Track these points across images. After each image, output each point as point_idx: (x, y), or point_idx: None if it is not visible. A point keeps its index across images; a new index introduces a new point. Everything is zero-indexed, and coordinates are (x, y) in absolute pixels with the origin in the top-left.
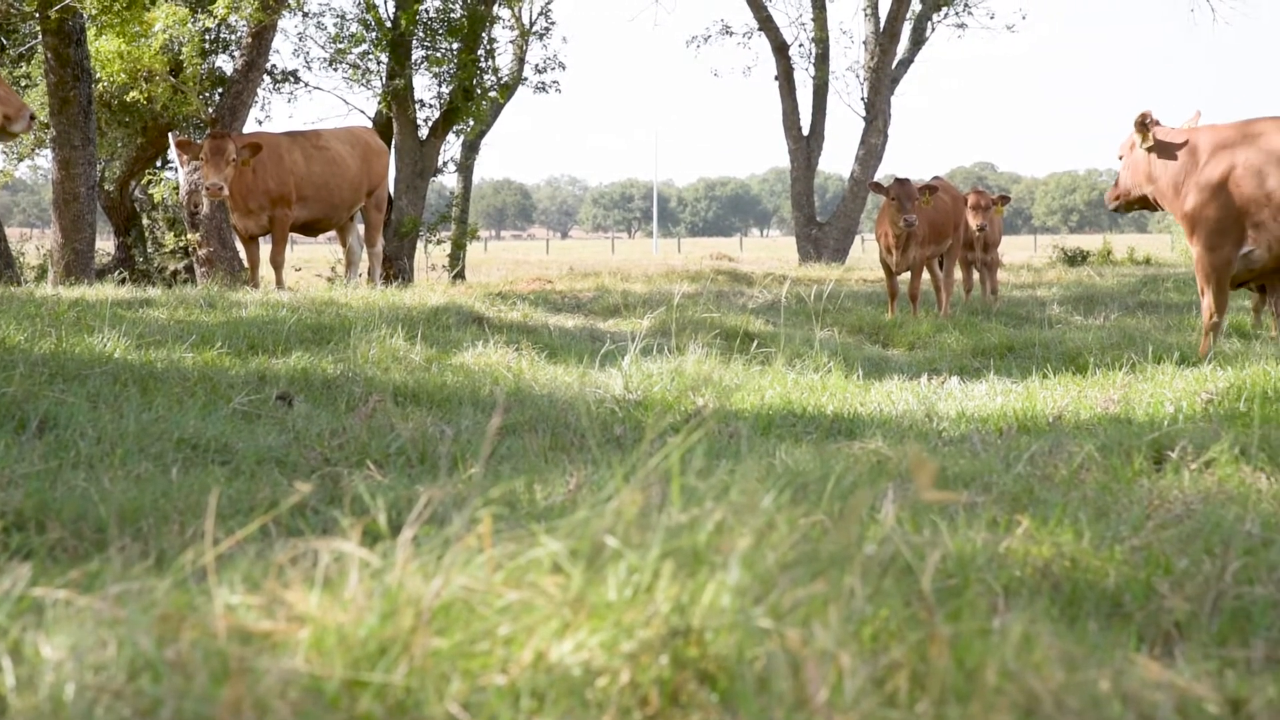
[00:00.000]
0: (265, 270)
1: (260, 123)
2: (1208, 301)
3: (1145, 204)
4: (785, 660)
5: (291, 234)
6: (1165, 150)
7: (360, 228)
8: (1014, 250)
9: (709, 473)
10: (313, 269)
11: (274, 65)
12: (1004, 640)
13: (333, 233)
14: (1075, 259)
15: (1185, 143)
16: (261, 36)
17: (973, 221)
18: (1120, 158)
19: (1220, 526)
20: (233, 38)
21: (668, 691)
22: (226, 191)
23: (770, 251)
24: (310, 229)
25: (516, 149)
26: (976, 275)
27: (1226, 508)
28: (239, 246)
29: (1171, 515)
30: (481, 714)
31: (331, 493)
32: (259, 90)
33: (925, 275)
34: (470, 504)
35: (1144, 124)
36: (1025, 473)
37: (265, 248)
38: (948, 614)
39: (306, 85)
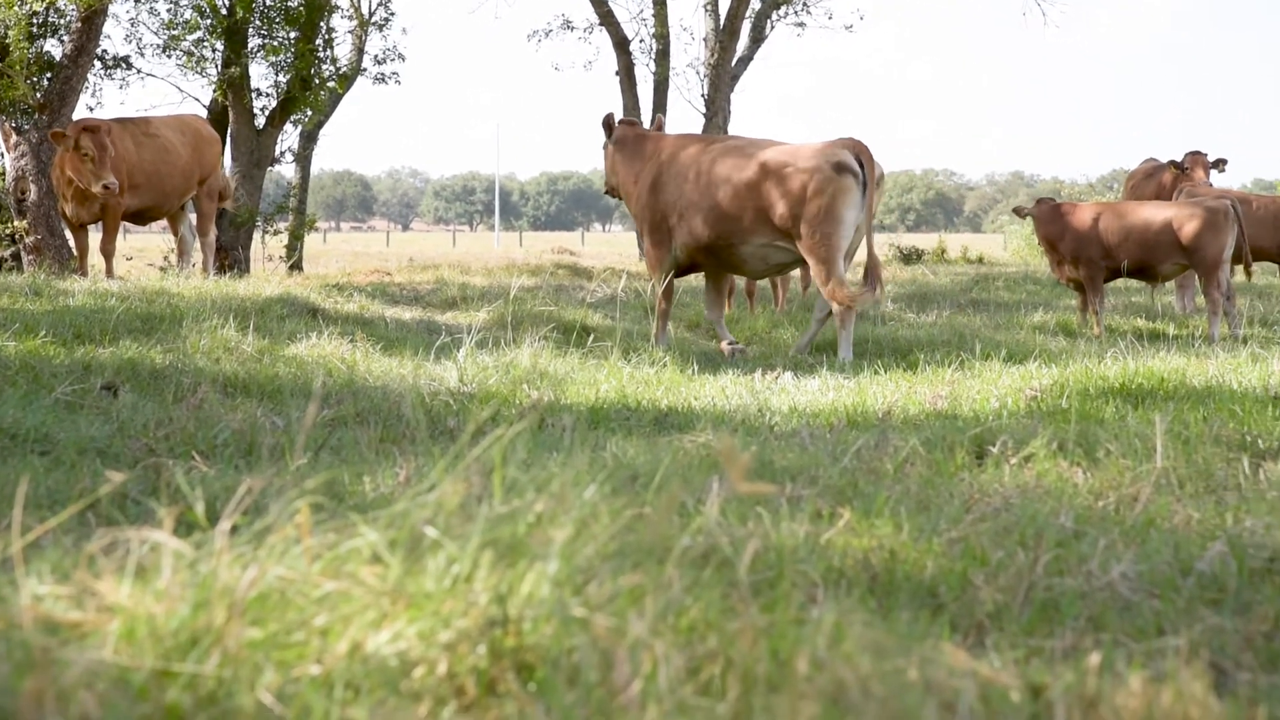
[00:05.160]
0: (95, 259)
1: (91, 109)
2: (658, 288)
3: (615, 193)
4: (596, 650)
5: (123, 223)
6: (623, 149)
7: (192, 217)
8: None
9: (536, 464)
10: (145, 258)
11: (105, 51)
12: (816, 630)
13: (165, 222)
14: (910, 257)
15: (641, 146)
16: (92, 21)
17: None
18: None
19: (1035, 520)
20: (62, 22)
21: (484, 682)
22: (117, 187)
23: (612, 246)
24: (141, 217)
25: (357, 140)
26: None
27: (1043, 501)
28: (68, 234)
29: (990, 509)
30: (294, 704)
31: (154, 484)
32: (89, 76)
33: None
34: (288, 494)
35: (607, 124)
36: (851, 466)
37: (95, 236)
38: (764, 605)
39: (139, 72)
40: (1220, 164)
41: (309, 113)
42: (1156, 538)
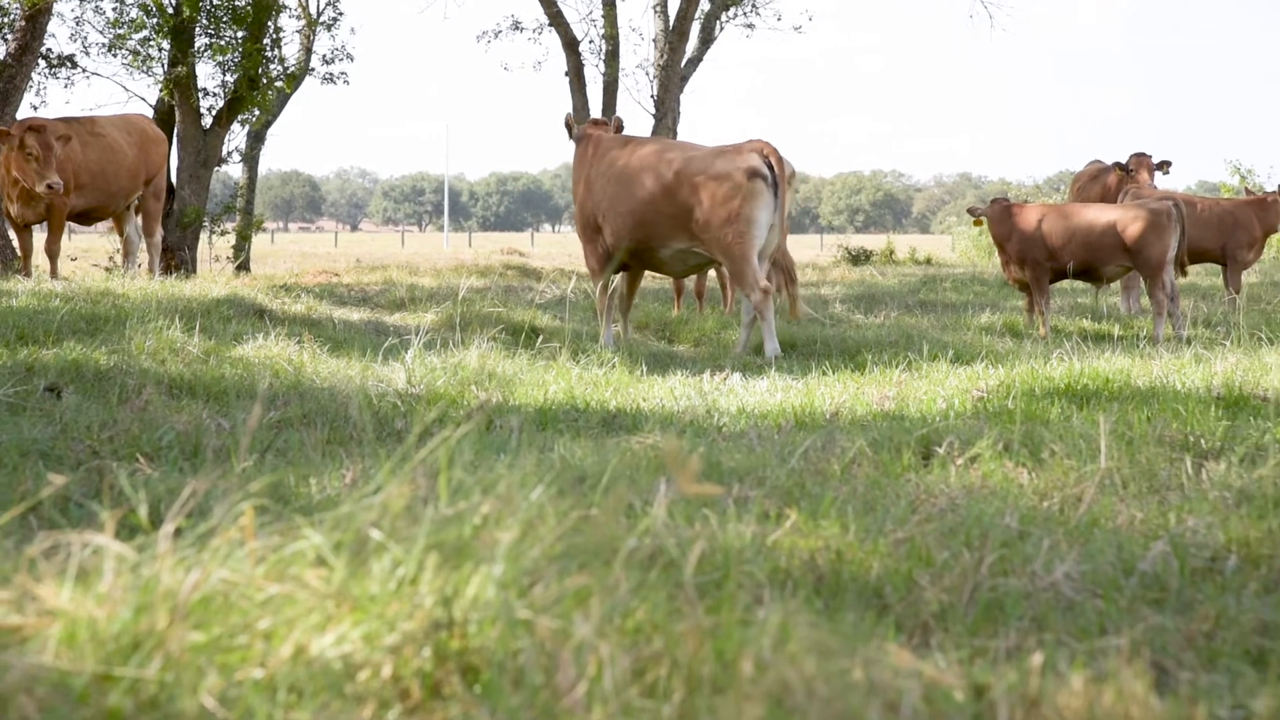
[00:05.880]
0: (40, 259)
1: (35, 109)
2: (595, 288)
3: None
4: (541, 652)
5: (68, 223)
6: (577, 149)
7: (138, 217)
8: (800, 249)
9: (483, 466)
10: (90, 259)
11: (49, 49)
12: (762, 631)
13: (111, 222)
14: (859, 258)
15: (585, 147)
16: (36, 20)
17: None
18: None
19: (981, 520)
20: (5, 20)
21: (429, 684)
22: (62, 187)
23: (561, 247)
24: (86, 218)
25: (305, 140)
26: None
27: (988, 502)
28: (11, 235)
29: (936, 509)
30: (237, 708)
31: (97, 486)
32: (34, 75)
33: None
34: (232, 497)
35: (568, 124)
36: (799, 467)
37: (40, 236)
38: (710, 606)
39: (84, 71)
40: (1165, 166)
41: (256, 113)
42: (1100, 538)
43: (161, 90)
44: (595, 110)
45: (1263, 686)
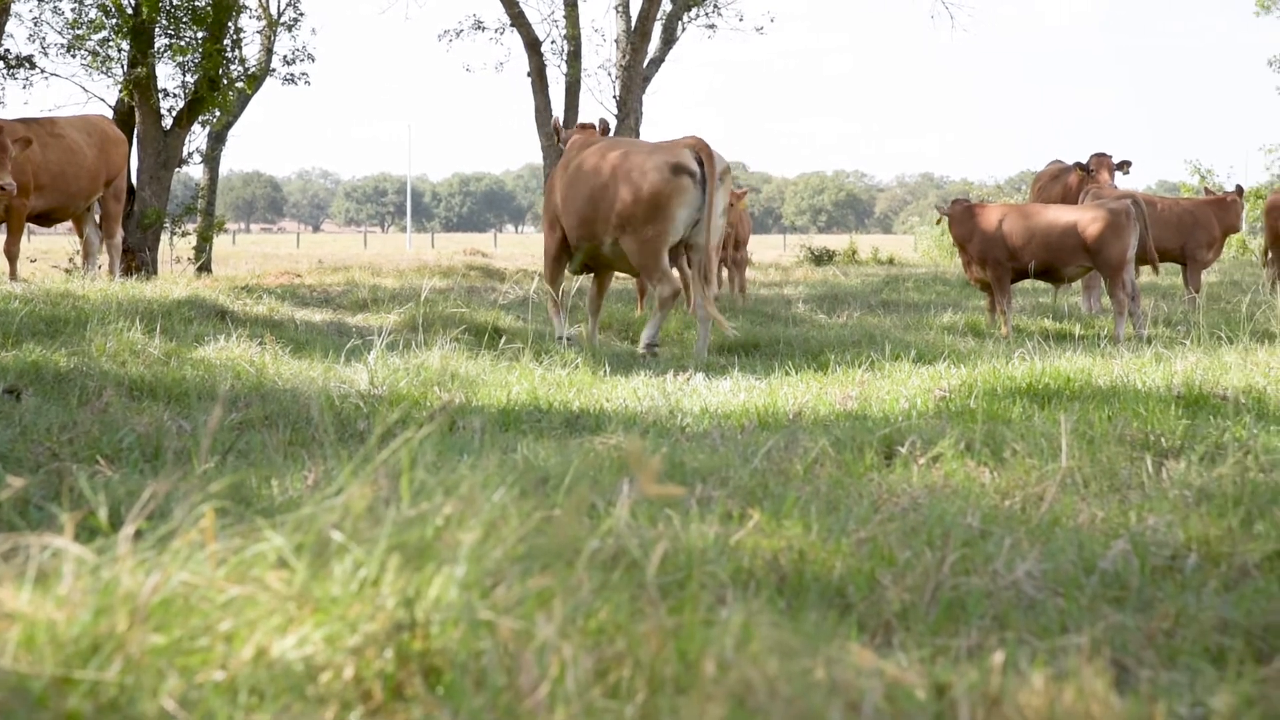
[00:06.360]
0: None
1: None
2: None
3: None
4: (503, 653)
5: (27, 224)
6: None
7: (98, 219)
8: (763, 249)
9: (445, 467)
10: (50, 260)
11: (8, 50)
12: (724, 631)
13: (71, 223)
14: (822, 258)
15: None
16: None
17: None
18: None
19: (943, 519)
20: None
21: (391, 686)
22: (15, 188)
23: (524, 248)
24: (46, 219)
25: (266, 141)
26: (725, 273)
27: (950, 501)
28: None
29: (898, 509)
30: (197, 711)
31: (57, 489)
32: None
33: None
34: (192, 498)
35: (555, 130)
36: (762, 468)
37: None
38: (672, 606)
39: (43, 72)
40: (1125, 166)
41: (217, 113)
42: (1061, 536)
43: (121, 91)
44: (559, 111)
45: (1222, 684)
